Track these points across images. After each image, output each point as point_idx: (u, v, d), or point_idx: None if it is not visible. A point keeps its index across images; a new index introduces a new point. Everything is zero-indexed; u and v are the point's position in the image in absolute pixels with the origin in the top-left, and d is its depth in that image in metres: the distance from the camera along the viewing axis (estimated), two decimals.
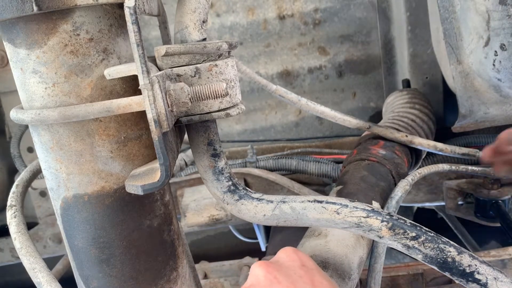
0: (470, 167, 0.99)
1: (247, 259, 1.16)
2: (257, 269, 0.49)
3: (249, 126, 1.73)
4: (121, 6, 0.47)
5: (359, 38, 1.65)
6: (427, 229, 0.51)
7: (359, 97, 1.73)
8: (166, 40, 0.67)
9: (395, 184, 0.85)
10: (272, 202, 0.55)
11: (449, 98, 1.53)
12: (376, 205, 0.75)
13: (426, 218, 1.64)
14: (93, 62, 0.46)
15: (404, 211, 1.59)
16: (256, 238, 1.50)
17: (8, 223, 0.59)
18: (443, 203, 1.28)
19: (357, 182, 0.83)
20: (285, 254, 0.52)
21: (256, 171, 1.25)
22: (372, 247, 0.72)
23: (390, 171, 0.90)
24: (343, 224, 0.53)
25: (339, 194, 0.79)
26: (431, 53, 1.40)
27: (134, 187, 0.43)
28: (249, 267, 1.12)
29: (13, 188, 0.64)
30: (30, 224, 1.45)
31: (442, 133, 1.31)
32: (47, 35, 0.44)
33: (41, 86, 0.46)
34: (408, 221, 0.51)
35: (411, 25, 1.50)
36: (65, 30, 0.44)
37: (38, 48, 0.45)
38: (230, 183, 0.56)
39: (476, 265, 0.47)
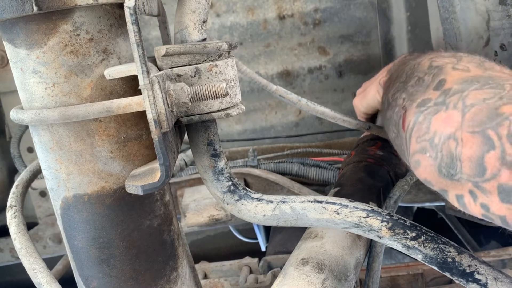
0: None
1: (247, 259, 1.15)
2: None
3: (249, 126, 1.73)
4: (121, 6, 0.47)
5: (359, 38, 1.64)
6: (427, 229, 0.51)
7: None
8: (166, 40, 0.67)
9: (393, 185, 0.85)
10: (272, 202, 0.55)
11: None
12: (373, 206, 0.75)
13: (426, 218, 1.64)
14: (93, 62, 0.46)
15: (404, 211, 1.58)
16: (256, 238, 1.50)
17: (8, 224, 0.59)
18: (443, 203, 1.27)
19: (354, 183, 0.83)
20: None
21: (256, 171, 1.25)
22: (370, 246, 0.72)
23: (388, 171, 0.89)
24: (343, 224, 0.53)
25: (336, 196, 0.79)
26: None
27: (134, 187, 0.43)
28: (249, 267, 1.12)
29: (13, 189, 0.64)
30: (30, 224, 1.45)
31: None
32: (47, 35, 0.44)
33: (41, 86, 0.46)
34: (408, 221, 0.51)
35: (411, 25, 1.50)
36: (65, 30, 0.44)
37: (38, 48, 0.45)
38: (230, 183, 0.56)
39: (476, 265, 0.47)
